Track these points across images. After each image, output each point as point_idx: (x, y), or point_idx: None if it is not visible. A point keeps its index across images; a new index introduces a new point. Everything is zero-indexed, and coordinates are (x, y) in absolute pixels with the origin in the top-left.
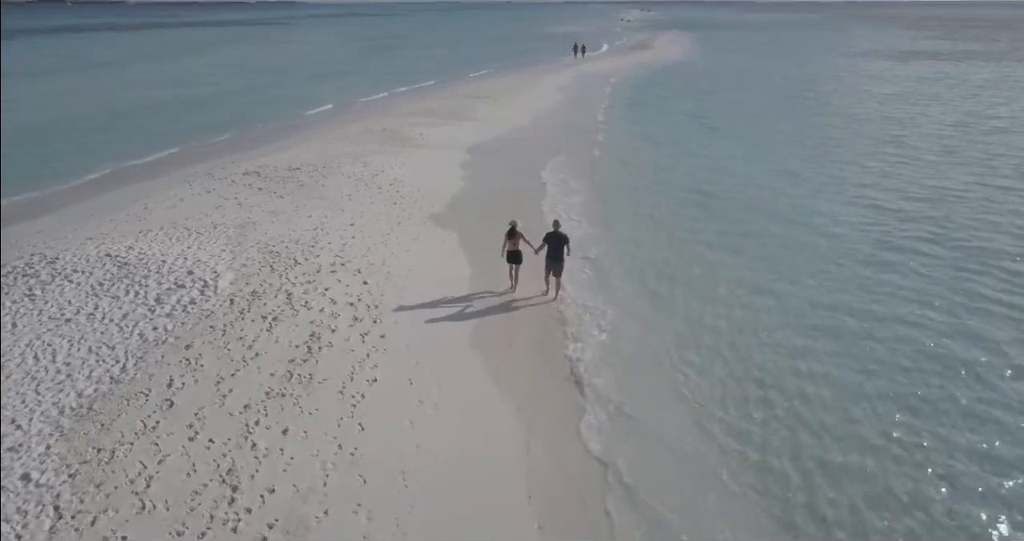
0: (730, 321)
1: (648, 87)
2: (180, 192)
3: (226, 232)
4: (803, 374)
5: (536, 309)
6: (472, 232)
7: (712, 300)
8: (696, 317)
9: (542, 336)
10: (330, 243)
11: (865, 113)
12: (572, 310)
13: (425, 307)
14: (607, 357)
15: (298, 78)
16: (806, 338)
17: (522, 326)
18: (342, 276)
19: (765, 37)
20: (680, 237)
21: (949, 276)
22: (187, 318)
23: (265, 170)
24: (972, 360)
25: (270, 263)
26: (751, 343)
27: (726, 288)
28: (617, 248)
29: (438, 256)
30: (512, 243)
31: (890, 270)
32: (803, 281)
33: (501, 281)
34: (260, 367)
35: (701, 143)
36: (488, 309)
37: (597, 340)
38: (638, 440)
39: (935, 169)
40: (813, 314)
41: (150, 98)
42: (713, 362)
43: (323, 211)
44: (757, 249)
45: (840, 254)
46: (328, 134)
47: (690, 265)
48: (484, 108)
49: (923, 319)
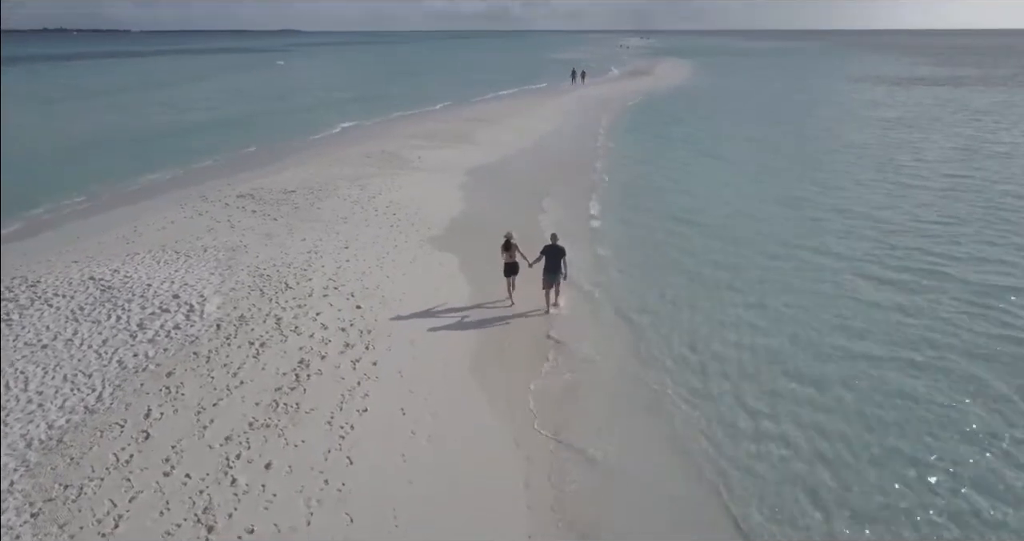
0: (727, 350)
1: (648, 112)
2: (171, 214)
3: (216, 255)
4: (805, 406)
5: (535, 328)
6: (470, 255)
7: (708, 327)
8: (692, 344)
9: (540, 359)
10: (323, 266)
11: (867, 139)
12: (568, 330)
13: (420, 332)
14: (603, 384)
15: (298, 103)
16: (810, 372)
17: (522, 348)
18: (335, 300)
19: (764, 63)
20: (677, 263)
21: (954, 310)
22: (170, 344)
23: (260, 192)
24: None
25: (260, 287)
26: (747, 373)
27: (723, 316)
28: (614, 273)
29: (435, 279)
30: (508, 255)
31: (890, 303)
32: (805, 314)
33: (499, 295)
34: (244, 396)
35: (701, 169)
36: (487, 331)
37: (591, 365)
38: (636, 485)
39: (939, 196)
40: (813, 344)
41: (150, 123)
42: (707, 393)
43: (318, 234)
44: (754, 277)
45: (838, 283)
46: (326, 157)
47: (686, 291)
48: (484, 132)
49: (926, 357)
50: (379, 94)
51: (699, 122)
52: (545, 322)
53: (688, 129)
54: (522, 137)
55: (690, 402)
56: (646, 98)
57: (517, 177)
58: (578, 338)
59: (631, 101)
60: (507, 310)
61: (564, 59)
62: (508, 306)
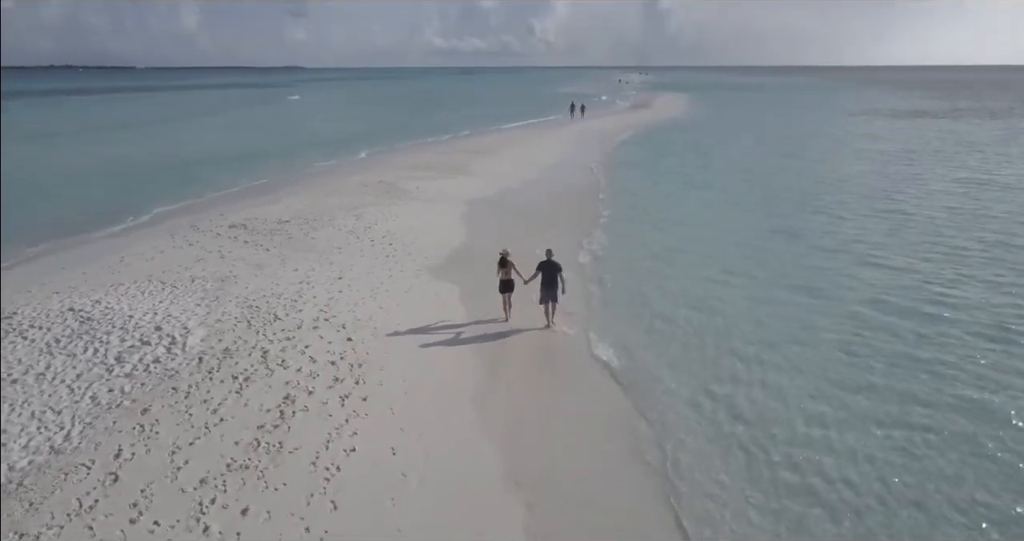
0: (721, 381)
1: (647, 145)
2: (161, 244)
3: (204, 286)
4: (800, 433)
5: (533, 352)
6: (467, 284)
7: (705, 358)
8: (686, 368)
9: (541, 388)
10: (315, 297)
11: (868, 171)
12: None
13: (414, 365)
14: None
15: (298, 136)
16: (803, 400)
17: (521, 375)
18: (325, 332)
19: (762, 97)
20: (672, 297)
21: (969, 349)
22: (148, 378)
23: (253, 222)
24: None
25: (248, 318)
26: (739, 411)
27: (716, 346)
28: (610, 302)
29: (430, 309)
30: (504, 272)
31: (892, 340)
32: (804, 351)
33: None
34: (224, 434)
35: (698, 202)
36: (484, 359)
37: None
38: (635, 527)
39: (943, 228)
40: (814, 375)
41: (147, 157)
42: (712, 437)
43: (310, 264)
44: (752, 313)
45: (838, 318)
46: (323, 187)
47: (682, 319)
48: (483, 163)
49: (930, 393)
50: (378, 127)
51: (697, 155)
52: (542, 342)
53: (686, 162)
54: (521, 169)
55: (697, 453)
56: (645, 131)
57: (516, 209)
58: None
59: (630, 134)
60: (504, 333)
61: (564, 93)
62: (502, 321)
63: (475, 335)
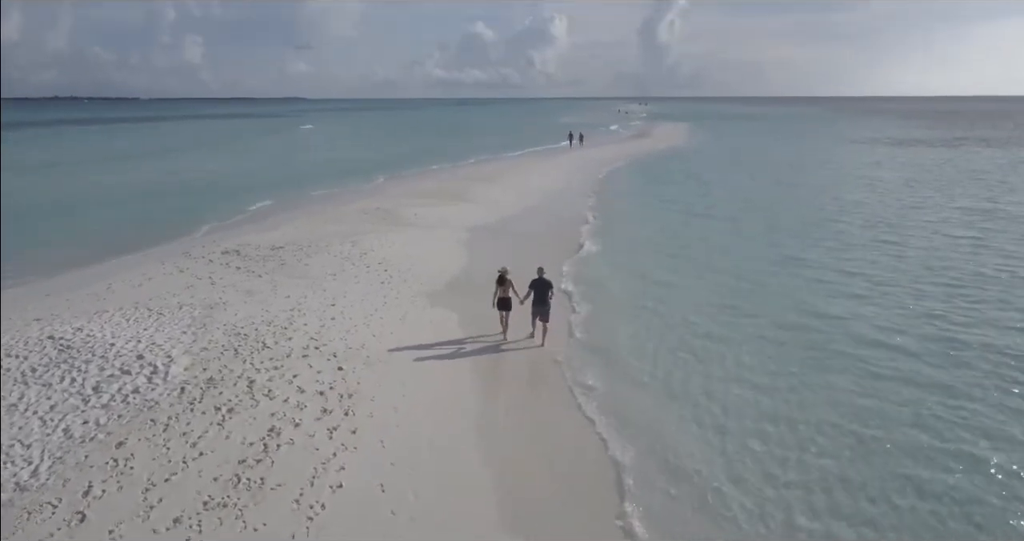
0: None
1: (647, 173)
2: (150, 271)
3: (191, 313)
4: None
5: (528, 374)
6: (462, 311)
7: (700, 390)
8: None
9: (541, 419)
10: (306, 325)
11: (871, 199)
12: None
13: (406, 395)
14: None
15: (297, 164)
16: (798, 425)
17: (518, 407)
18: (315, 361)
19: (762, 127)
20: (669, 319)
21: (985, 384)
22: (126, 410)
23: (246, 249)
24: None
25: (235, 346)
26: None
27: (716, 378)
28: (608, 330)
29: (424, 337)
30: (502, 290)
31: (905, 380)
32: (806, 388)
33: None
34: (202, 470)
35: (698, 230)
36: (480, 388)
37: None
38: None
39: (949, 257)
40: (816, 406)
41: (148, 184)
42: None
43: (303, 291)
44: (746, 347)
45: (846, 354)
46: (320, 214)
47: (680, 347)
48: (483, 190)
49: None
50: (378, 155)
51: (697, 183)
52: (535, 362)
53: (686, 190)
54: (521, 197)
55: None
56: (646, 159)
57: (515, 235)
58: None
59: (631, 162)
60: (500, 353)
61: (564, 123)
62: (501, 341)
63: (471, 359)
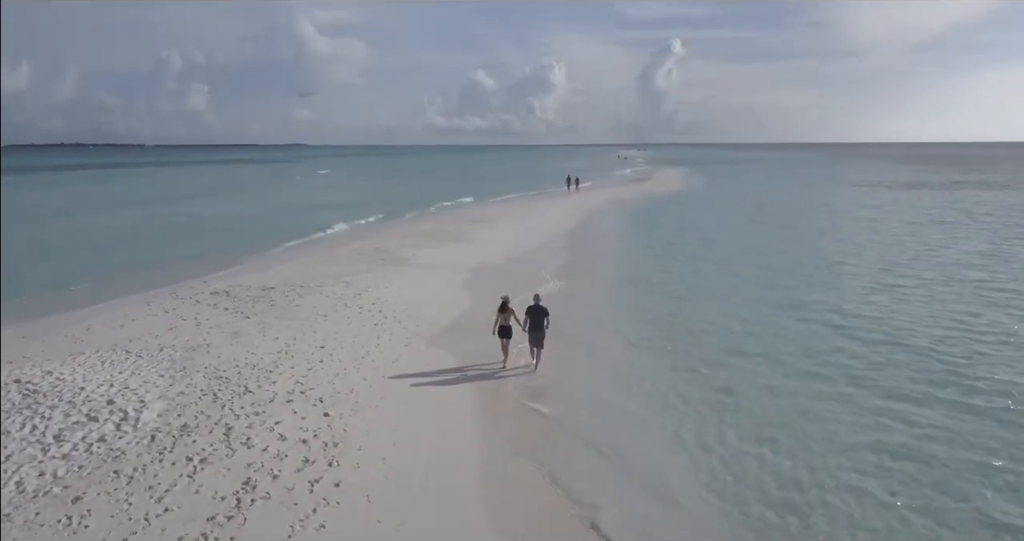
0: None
1: (647, 216)
2: (134, 312)
3: (172, 355)
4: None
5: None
6: (458, 352)
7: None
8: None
9: (536, 472)
10: (292, 368)
11: (877, 241)
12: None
13: (397, 442)
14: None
15: (296, 206)
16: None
17: (516, 461)
18: (300, 406)
19: (762, 170)
20: (663, 363)
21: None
22: (88, 460)
23: (236, 289)
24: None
25: (214, 391)
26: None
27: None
28: (608, 369)
29: (416, 380)
30: (504, 318)
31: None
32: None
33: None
34: (166, 528)
35: (699, 272)
36: (476, 428)
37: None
38: None
39: (962, 301)
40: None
41: (143, 226)
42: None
43: (292, 333)
44: (745, 395)
45: (861, 406)
46: (315, 255)
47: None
48: (481, 232)
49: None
50: (376, 198)
51: (696, 225)
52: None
53: (685, 232)
54: (520, 239)
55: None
56: (646, 202)
57: (511, 277)
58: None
59: (631, 205)
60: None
61: (566, 168)
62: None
63: (468, 400)
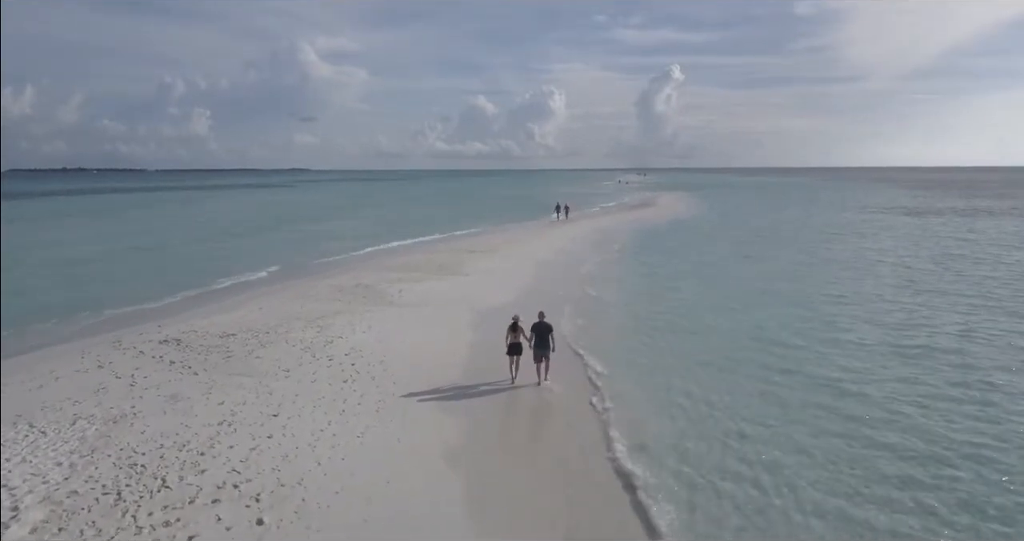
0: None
1: (651, 242)
2: (62, 366)
3: (85, 431)
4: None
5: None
6: (441, 422)
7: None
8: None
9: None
10: (232, 447)
11: (901, 272)
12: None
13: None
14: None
15: (279, 233)
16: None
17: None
18: (226, 510)
19: (766, 195)
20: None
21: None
22: None
23: (190, 337)
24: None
25: (120, 488)
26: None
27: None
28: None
29: (383, 465)
30: (513, 336)
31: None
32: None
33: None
34: None
35: (703, 314)
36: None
37: None
38: None
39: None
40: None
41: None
42: None
43: (243, 394)
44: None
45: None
46: (291, 291)
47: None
48: (474, 262)
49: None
50: (367, 226)
51: (701, 259)
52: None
53: (695, 259)
54: (517, 269)
55: None
56: (650, 228)
57: (506, 313)
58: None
59: (633, 232)
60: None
61: (564, 193)
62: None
63: (463, 450)
